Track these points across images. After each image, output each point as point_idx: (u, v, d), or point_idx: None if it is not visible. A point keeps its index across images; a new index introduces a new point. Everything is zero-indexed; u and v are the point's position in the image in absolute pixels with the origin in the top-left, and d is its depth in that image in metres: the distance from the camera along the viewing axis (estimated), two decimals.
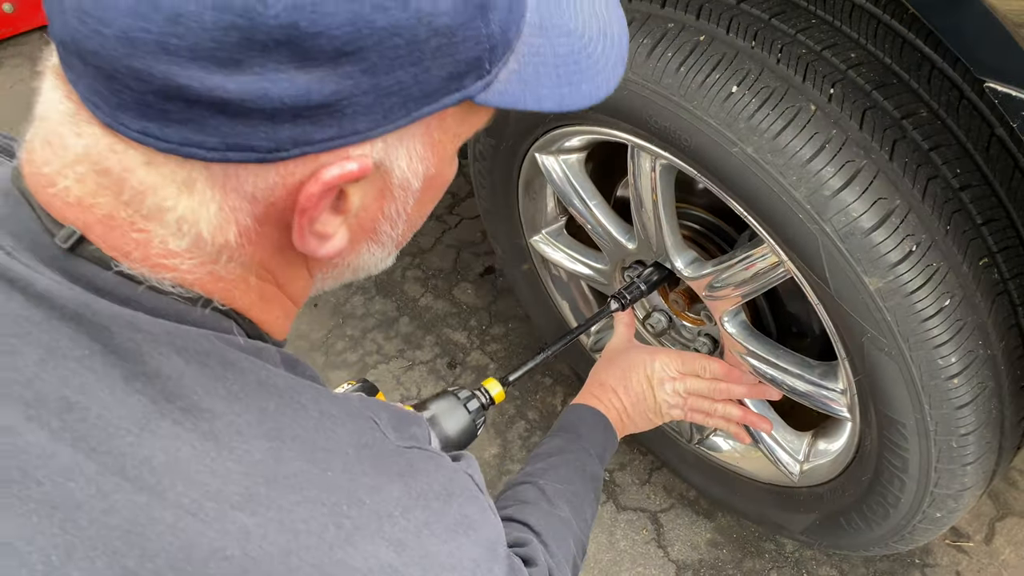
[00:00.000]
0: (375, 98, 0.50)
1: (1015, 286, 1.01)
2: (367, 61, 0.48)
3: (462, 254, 2.27)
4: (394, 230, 0.61)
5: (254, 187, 0.51)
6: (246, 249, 0.55)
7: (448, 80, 0.52)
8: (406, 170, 0.56)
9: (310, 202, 0.52)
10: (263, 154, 0.49)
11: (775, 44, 1.00)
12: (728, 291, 1.24)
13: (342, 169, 0.51)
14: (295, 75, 0.46)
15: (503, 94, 0.56)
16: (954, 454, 1.08)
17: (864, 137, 0.95)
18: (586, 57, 0.61)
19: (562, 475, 1.04)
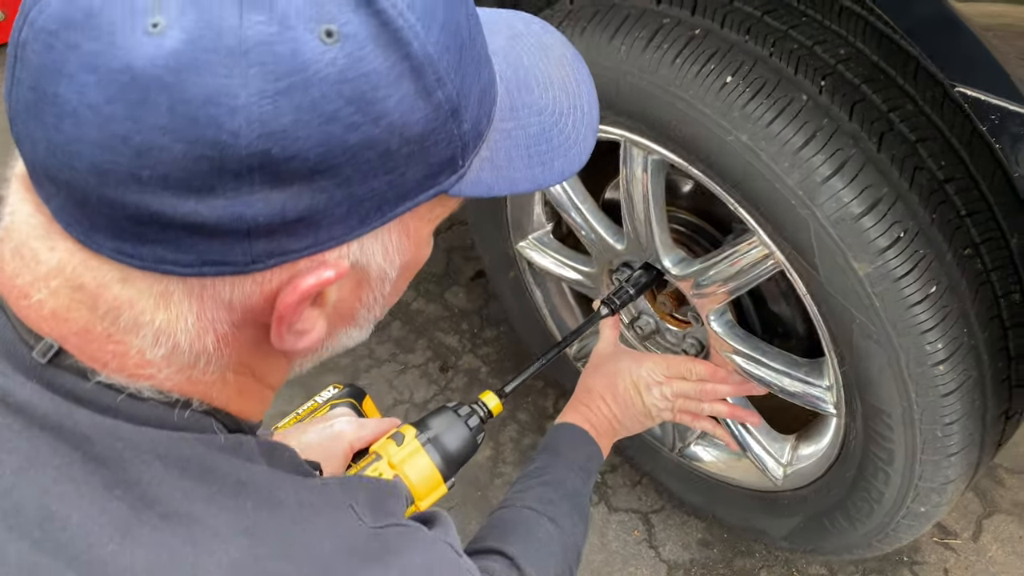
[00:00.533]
0: (350, 207, 0.50)
1: (997, 277, 1.03)
2: (341, 175, 0.48)
3: (454, 258, 2.29)
4: (371, 312, 0.61)
5: (231, 296, 0.52)
6: (224, 352, 0.55)
7: (423, 180, 0.53)
8: (383, 263, 0.56)
9: (288, 310, 0.53)
10: (240, 267, 0.50)
11: (768, 38, 1.03)
12: (715, 288, 1.26)
13: (318, 278, 0.52)
14: (269, 195, 0.47)
15: (476, 183, 0.57)
16: (939, 444, 1.10)
17: (854, 127, 0.99)
18: (558, 133, 0.62)
19: (541, 494, 1.04)
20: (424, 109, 0.50)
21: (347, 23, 0.46)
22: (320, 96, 0.46)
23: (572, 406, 1.24)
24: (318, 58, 0.45)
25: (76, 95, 0.44)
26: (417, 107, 0.50)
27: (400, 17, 0.48)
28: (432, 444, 1.03)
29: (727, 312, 1.34)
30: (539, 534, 0.98)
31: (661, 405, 1.26)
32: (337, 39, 0.46)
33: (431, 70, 0.49)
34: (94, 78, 0.44)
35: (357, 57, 0.46)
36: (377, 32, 0.47)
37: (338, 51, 0.46)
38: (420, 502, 1.00)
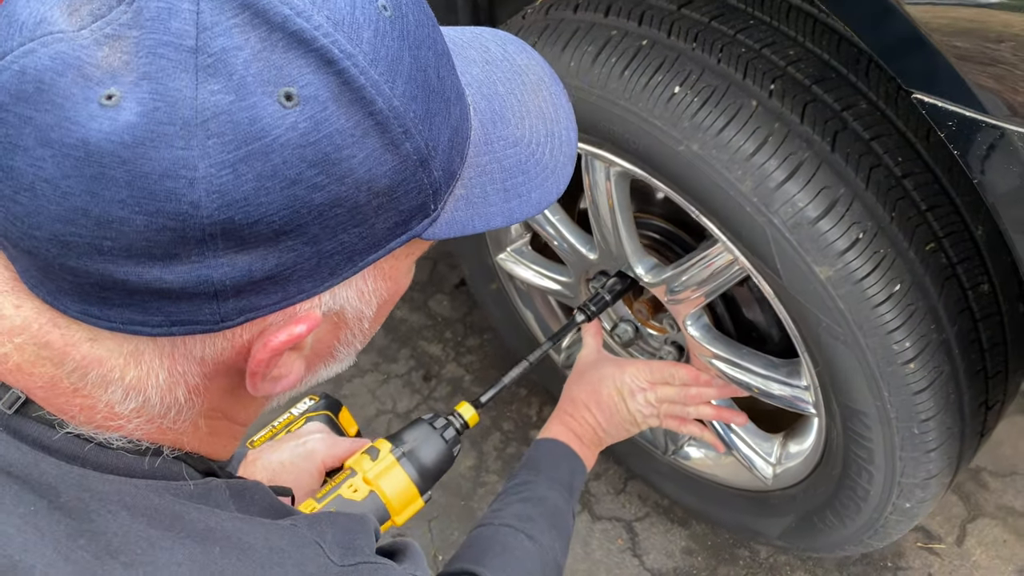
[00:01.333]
0: (319, 261, 0.50)
1: (963, 270, 1.02)
2: (308, 234, 0.48)
3: (438, 266, 2.28)
4: (350, 348, 0.61)
5: (203, 353, 0.52)
6: (195, 401, 0.55)
7: (394, 228, 0.52)
8: (358, 305, 0.56)
9: (260, 366, 0.53)
10: (210, 325, 0.49)
11: (715, 44, 1.02)
12: (688, 293, 1.26)
13: (289, 334, 0.52)
14: (235, 258, 0.47)
15: (450, 223, 0.56)
16: (916, 441, 1.09)
17: (806, 130, 0.98)
18: (535, 164, 0.61)
19: (519, 511, 1.03)
20: (391, 162, 0.49)
21: (307, 85, 0.45)
22: (282, 162, 0.45)
23: (556, 417, 1.23)
24: (278, 123, 0.45)
25: (32, 169, 0.44)
26: (384, 161, 0.49)
27: (362, 75, 0.47)
28: (407, 458, 1.01)
29: (703, 316, 1.33)
30: (516, 552, 0.97)
31: (646, 411, 1.25)
32: (297, 102, 0.45)
33: (397, 124, 0.49)
34: (49, 152, 0.43)
35: (319, 119, 0.46)
36: (339, 91, 0.46)
37: (298, 114, 0.45)
38: (396, 517, 0.99)
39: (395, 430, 1.48)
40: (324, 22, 0.46)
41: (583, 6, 1.14)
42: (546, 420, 1.91)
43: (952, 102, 0.82)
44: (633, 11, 1.08)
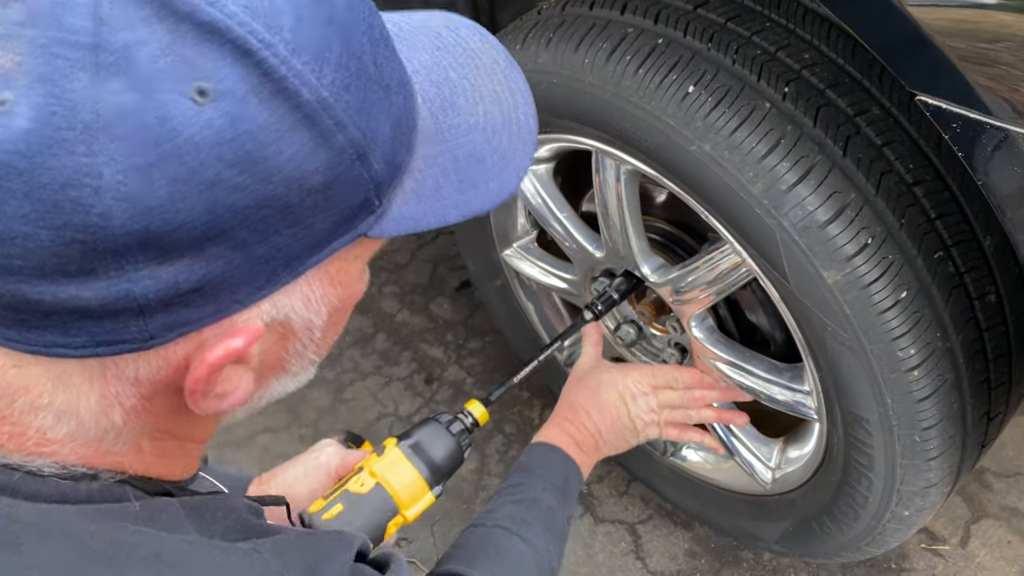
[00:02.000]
0: (252, 268, 0.46)
1: (971, 279, 1.02)
2: (235, 239, 0.44)
3: (438, 269, 2.28)
4: (304, 359, 0.57)
5: (136, 373, 0.48)
6: (135, 423, 0.52)
7: (335, 227, 0.49)
8: (305, 313, 0.52)
9: (199, 384, 0.49)
10: (139, 344, 0.46)
11: (731, 46, 1.03)
12: (694, 294, 1.26)
13: (226, 349, 0.48)
14: (157, 270, 0.43)
15: (400, 219, 0.52)
16: (918, 449, 1.09)
17: (818, 133, 0.98)
18: (491, 152, 0.57)
19: (513, 513, 1.00)
20: (324, 157, 0.46)
21: (222, 79, 0.42)
22: (198, 163, 0.42)
23: (554, 422, 1.20)
24: (191, 122, 0.41)
25: None
26: (316, 156, 0.45)
27: (284, 65, 0.43)
28: (415, 451, 1.00)
29: (708, 318, 1.33)
30: (511, 555, 0.95)
31: (647, 418, 1.23)
32: (212, 97, 0.41)
33: (327, 116, 0.45)
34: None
35: (236, 115, 0.42)
36: (258, 84, 0.43)
37: (213, 111, 0.42)
38: (405, 511, 0.98)
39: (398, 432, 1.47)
40: (239, 10, 0.42)
41: (599, 3, 1.14)
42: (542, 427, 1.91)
43: (956, 104, 0.82)
44: (649, 9, 1.08)
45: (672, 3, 1.09)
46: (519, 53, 1.20)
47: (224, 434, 1.92)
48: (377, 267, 2.31)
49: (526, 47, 1.19)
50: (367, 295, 2.34)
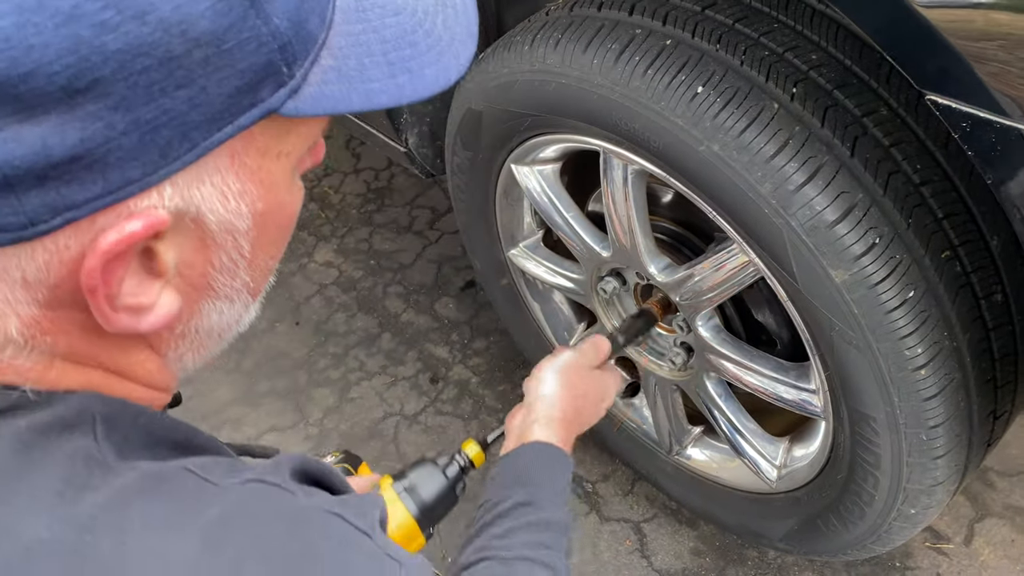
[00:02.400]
0: (141, 136, 0.40)
1: (977, 279, 1.03)
2: (114, 95, 0.39)
3: (443, 269, 2.29)
4: (236, 280, 0.51)
5: (22, 271, 0.42)
6: (40, 340, 0.46)
7: (236, 96, 0.43)
8: (223, 211, 0.46)
9: (94, 278, 0.43)
10: (17, 232, 0.40)
11: (739, 47, 1.03)
12: (701, 293, 1.26)
13: (120, 233, 0.42)
14: (21, 130, 0.38)
15: (319, 98, 0.46)
16: (924, 447, 1.09)
17: (826, 134, 0.98)
18: (424, 36, 0.51)
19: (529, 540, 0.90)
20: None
21: None
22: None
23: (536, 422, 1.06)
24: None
25: None
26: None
27: None
28: (408, 493, 1.00)
29: (715, 317, 1.34)
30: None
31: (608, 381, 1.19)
32: None
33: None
34: None
35: None
36: None
37: None
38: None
39: (402, 433, 1.48)
40: None
41: (607, 4, 1.15)
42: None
43: (966, 103, 0.83)
44: (657, 11, 1.09)
45: (680, 4, 1.09)
46: (527, 54, 1.21)
47: (232, 432, 1.93)
48: (382, 267, 2.32)
49: (534, 48, 1.20)
50: (371, 295, 2.35)
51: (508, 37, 1.28)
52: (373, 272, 2.31)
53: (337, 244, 2.40)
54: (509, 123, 1.33)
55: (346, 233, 2.43)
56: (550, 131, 1.29)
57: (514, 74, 1.25)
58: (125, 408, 0.50)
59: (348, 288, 2.27)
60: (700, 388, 1.44)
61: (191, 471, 0.48)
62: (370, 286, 2.27)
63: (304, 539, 0.47)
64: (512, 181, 1.48)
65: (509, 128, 1.35)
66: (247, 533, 0.46)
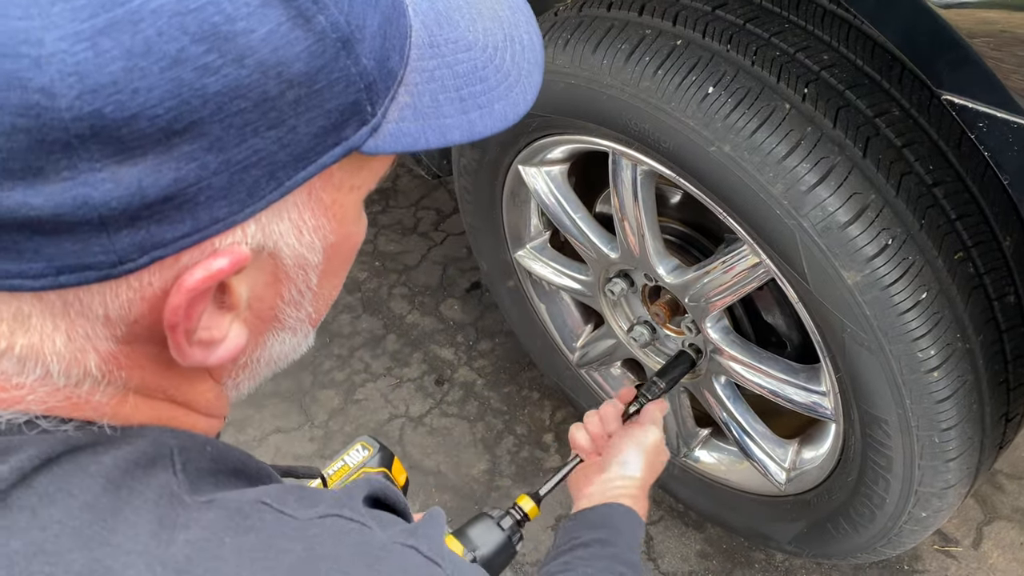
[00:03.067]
0: (231, 176, 0.41)
1: (990, 280, 1.02)
2: (209, 135, 0.39)
3: (448, 270, 2.29)
4: (301, 312, 0.52)
5: (105, 308, 0.42)
6: (117, 374, 0.46)
7: (322, 135, 0.43)
8: (297, 246, 0.47)
9: (177, 316, 0.43)
10: (106, 270, 0.40)
11: (750, 47, 1.03)
12: (710, 294, 1.26)
13: (207, 271, 0.42)
14: (118, 171, 0.38)
15: (398, 136, 0.47)
16: (936, 450, 1.09)
17: (838, 134, 0.98)
18: (494, 71, 0.52)
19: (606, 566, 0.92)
20: (304, 41, 0.40)
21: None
22: (156, 33, 0.36)
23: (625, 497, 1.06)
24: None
25: None
26: (294, 39, 0.40)
27: None
28: (468, 550, 1.02)
29: (724, 319, 1.33)
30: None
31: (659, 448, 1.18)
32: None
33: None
34: None
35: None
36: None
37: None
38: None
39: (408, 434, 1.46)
40: None
41: (617, 4, 1.15)
42: (560, 424, 1.90)
43: (983, 103, 0.83)
44: (668, 11, 1.09)
45: (691, 5, 1.09)
46: None
47: (236, 434, 1.93)
48: (387, 268, 2.32)
49: (544, 48, 1.19)
50: (376, 297, 2.34)
51: None
52: (378, 273, 2.30)
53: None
54: (517, 124, 1.32)
55: None
56: (558, 132, 1.29)
57: None
58: (194, 439, 0.51)
59: (353, 289, 2.26)
60: (709, 390, 1.44)
61: (268, 504, 0.48)
62: (375, 287, 2.27)
63: (384, 574, 0.48)
64: (519, 182, 1.47)
65: (517, 129, 1.34)
66: (332, 569, 0.47)
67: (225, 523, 0.46)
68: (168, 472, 0.47)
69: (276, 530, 0.47)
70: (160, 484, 0.46)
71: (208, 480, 0.49)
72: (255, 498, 0.48)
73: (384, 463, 1.14)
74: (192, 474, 0.48)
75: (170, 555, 0.44)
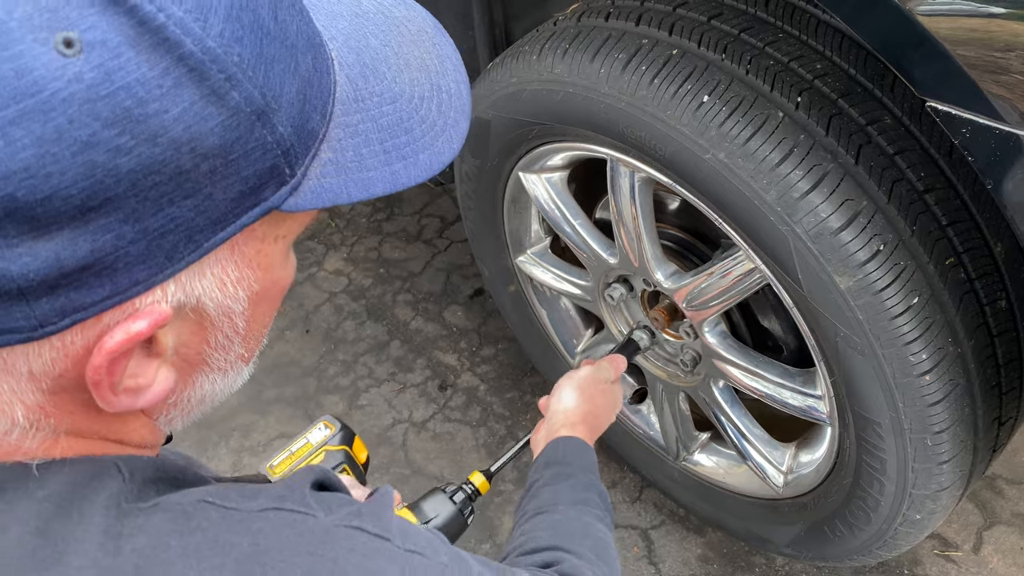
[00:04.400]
0: (148, 243, 0.42)
1: (982, 285, 1.04)
2: (124, 209, 0.40)
3: (452, 277, 2.31)
4: (230, 354, 0.52)
5: (29, 366, 0.44)
6: (44, 422, 0.47)
7: (240, 199, 0.44)
8: (221, 298, 0.48)
9: (100, 374, 0.44)
10: (27, 333, 0.42)
11: (744, 56, 1.05)
12: (707, 299, 1.28)
13: (127, 333, 0.43)
14: (35, 245, 0.39)
15: (319, 192, 0.48)
16: (929, 452, 1.10)
17: (831, 142, 1.00)
18: (419, 122, 0.53)
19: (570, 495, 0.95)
20: (218, 116, 0.41)
21: (91, 28, 0.38)
22: (67, 121, 0.38)
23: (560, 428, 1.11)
24: (56, 75, 0.37)
25: None
26: (207, 115, 0.41)
27: (161, 12, 0.39)
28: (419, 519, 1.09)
29: (721, 323, 1.35)
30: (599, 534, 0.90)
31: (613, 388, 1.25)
32: (79, 49, 0.37)
33: (216, 69, 0.41)
34: None
35: (111, 68, 0.38)
36: (135, 35, 0.39)
37: (83, 63, 0.38)
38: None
39: (411, 440, 1.46)
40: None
41: (615, 14, 1.17)
42: None
43: (966, 110, 0.84)
44: (664, 21, 1.11)
45: (686, 15, 1.11)
46: (535, 63, 1.23)
47: (241, 439, 1.95)
48: (391, 275, 2.34)
49: (542, 58, 1.22)
50: (380, 303, 2.36)
51: (516, 47, 1.30)
52: (382, 280, 2.33)
53: (347, 253, 2.42)
54: (517, 131, 1.35)
55: (356, 242, 2.45)
56: (558, 139, 1.31)
57: (522, 83, 1.27)
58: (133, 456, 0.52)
59: (358, 296, 2.29)
60: (707, 394, 1.45)
61: (210, 502, 0.50)
62: (379, 294, 2.29)
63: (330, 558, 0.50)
64: (520, 189, 1.49)
65: (517, 136, 1.36)
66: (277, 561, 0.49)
67: (170, 526, 0.48)
68: (118, 480, 0.49)
69: (221, 526, 0.49)
70: (109, 495, 0.48)
71: (152, 487, 0.50)
72: (198, 498, 0.50)
73: (345, 441, 1.17)
74: (139, 481, 0.50)
75: (118, 565, 0.46)
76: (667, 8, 1.13)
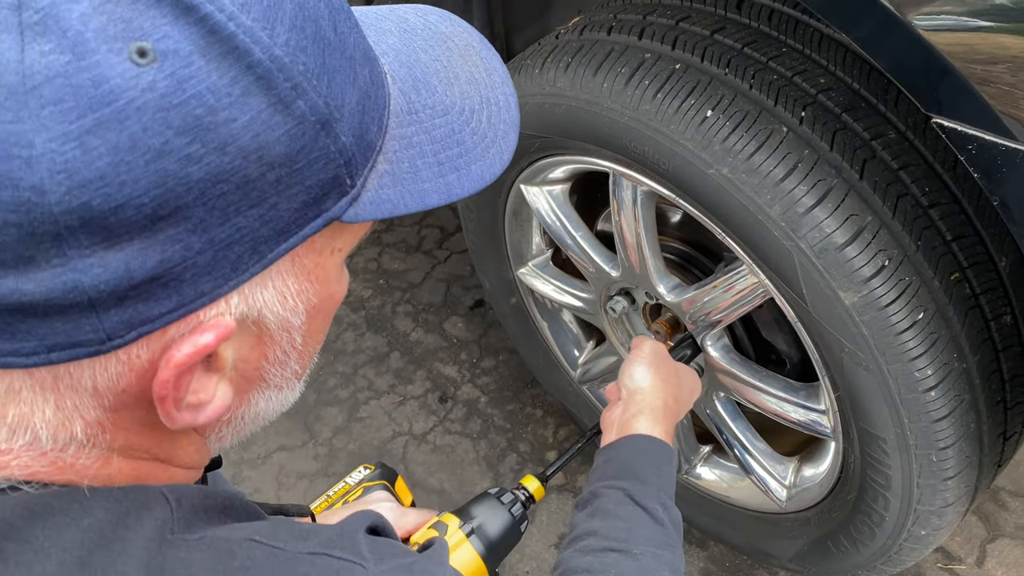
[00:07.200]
0: (215, 254, 0.42)
1: (987, 301, 1.03)
2: (193, 218, 0.41)
3: (452, 288, 2.30)
4: (286, 370, 0.53)
5: (94, 381, 0.44)
6: (102, 438, 0.48)
7: (303, 209, 0.45)
8: (281, 311, 0.48)
9: (166, 389, 0.45)
10: (95, 347, 0.42)
11: (748, 71, 1.04)
12: (710, 313, 1.27)
13: (194, 346, 0.44)
14: (106, 256, 0.40)
15: (377, 203, 0.49)
16: (935, 468, 1.09)
17: (835, 157, 0.99)
18: (471, 134, 0.54)
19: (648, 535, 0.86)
20: (284, 125, 0.42)
21: (164, 37, 0.38)
22: (141, 130, 0.38)
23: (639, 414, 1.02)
24: (130, 84, 0.38)
25: None
26: (275, 124, 0.42)
27: (231, 22, 0.40)
28: (476, 534, 0.99)
29: (723, 337, 1.35)
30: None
31: None
32: (153, 58, 0.38)
33: (283, 77, 0.42)
34: None
35: (183, 77, 0.39)
36: (206, 44, 0.39)
37: (156, 72, 0.38)
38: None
39: (411, 452, 1.45)
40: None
41: (617, 28, 1.16)
42: (563, 442, 1.90)
43: (972, 126, 0.84)
44: (667, 35, 1.10)
45: (690, 29, 1.11)
46: (538, 77, 1.23)
47: (241, 452, 1.94)
48: (391, 286, 2.33)
49: (544, 71, 1.21)
50: (380, 314, 2.35)
51: (518, 60, 1.30)
52: (382, 291, 2.32)
53: (346, 263, 2.41)
54: (519, 144, 1.34)
55: (355, 253, 2.45)
56: (560, 152, 1.31)
57: (524, 96, 1.26)
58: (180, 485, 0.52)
59: (357, 307, 2.28)
60: (709, 407, 1.45)
61: (257, 541, 0.49)
62: (379, 305, 2.28)
63: None
64: (521, 201, 1.49)
65: (519, 149, 1.36)
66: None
67: (212, 564, 0.47)
68: (165, 509, 0.49)
69: (265, 566, 0.48)
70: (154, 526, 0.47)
71: (201, 517, 0.50)
72: (245, 536, 0.49)
73: (385, 477, 1.14)
74: (187, 510, 0.49)
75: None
76: (670, 22, 1.13)
